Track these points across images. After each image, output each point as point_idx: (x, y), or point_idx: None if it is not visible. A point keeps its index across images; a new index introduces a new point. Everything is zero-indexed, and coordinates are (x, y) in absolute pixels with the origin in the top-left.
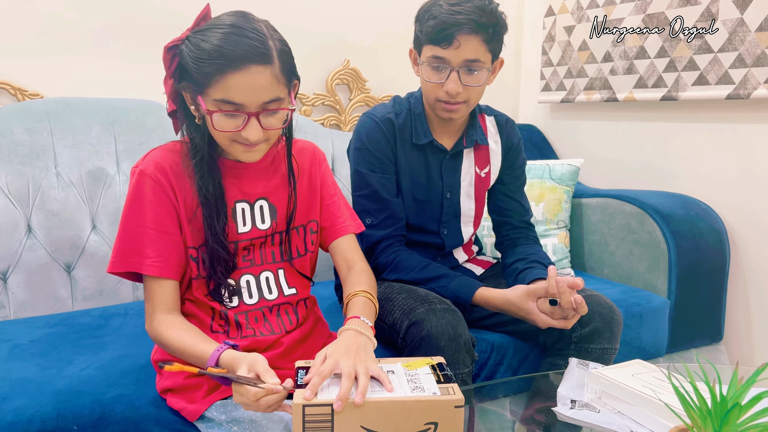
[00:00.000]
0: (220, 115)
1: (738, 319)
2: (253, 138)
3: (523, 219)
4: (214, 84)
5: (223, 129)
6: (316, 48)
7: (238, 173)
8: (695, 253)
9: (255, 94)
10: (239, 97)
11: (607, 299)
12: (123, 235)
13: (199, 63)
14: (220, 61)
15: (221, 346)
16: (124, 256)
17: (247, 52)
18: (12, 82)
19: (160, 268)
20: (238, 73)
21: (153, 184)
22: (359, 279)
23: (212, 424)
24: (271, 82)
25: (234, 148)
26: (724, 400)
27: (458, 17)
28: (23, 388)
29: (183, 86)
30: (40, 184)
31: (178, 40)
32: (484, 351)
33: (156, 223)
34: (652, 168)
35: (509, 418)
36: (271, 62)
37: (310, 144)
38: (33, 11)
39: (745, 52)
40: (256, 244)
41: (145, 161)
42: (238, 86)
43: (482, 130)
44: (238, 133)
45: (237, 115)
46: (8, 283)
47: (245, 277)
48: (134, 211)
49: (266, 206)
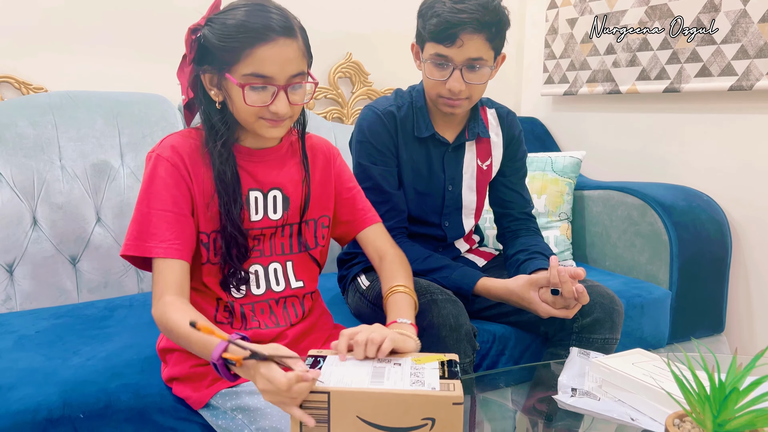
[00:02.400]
0: (249, 89)
1: (739, 310)
2: (282, 111)
3: (524, 210)
4: (243, 58)
5: (252, 103)
6: (318, 41)
7: (253, 161)
8: (697, 244)
9: (284, 66)
10: (269, 69)
11: (608, 290)
12: (137, 219)
13: (227, 39)
14: (251, 35)
15: (232, 335)
16: (137, 240)
17: (277, 24)
18: (16, 76)
19: (176, 249)
20: (268, 45)
21: (169, 166)
22: (393, 270)
23: (217, 412)
24: (297, 55)
25: (260, 124)
26: (722, 386)
27: (462, 16)
28: (30, 378)
29: (204, 69)
30: (45, 177)
31: (198, 24)
32: (486, 341)
33: (174, 206)
34: (654, 160)
35: (511, 408)
36: (296, 36)
37: (323, 140)
38: (37, 5)
39: (748, 43)
40: (266, 234)
41: (161, 146)
42: (268, 58)
43: (484, 122)
44: (266, 108)
45: (266, 88)
46: (14, 275)
47: (254, 267)
48: (149, 193)
49: (279, 196)
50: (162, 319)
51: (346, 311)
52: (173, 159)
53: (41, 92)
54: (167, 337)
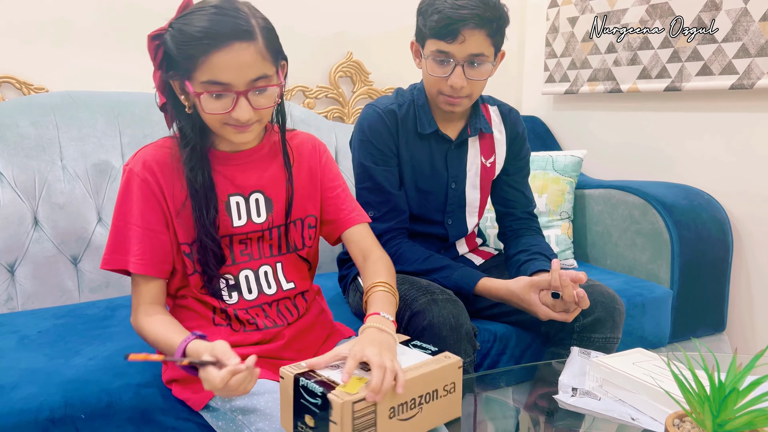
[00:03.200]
0: (208, 97)
1: (741, 309)
2: (243, 118)
3: (526, 210)
4: (199, 66)
5: (212, 111)
6: (319, 41)
7: (231, 165)
8: (698, 243)
9: (241, 71)
10: (225, 76)
11: (609, 289)
12: (112, 233)
13: (183, 47)
14: (205, 42)
15: (188, 336)
16: (113, 254)
17: (230, 29)
18: (17, 76)
19: (144, 265)
20: (222, 51)
21: (140, 182)
22: (376, 269)
23: (217, 413)
24: (256, 59)
25: (226, 130)
26: (722, 386)
27: (463, 12)
28: (32, 378)
29: (170, 75)
30: (46, 177)
31: (161, 29)
32: (486, 341)
33: (142, 221)
34: (655, 159)
35: (512, 407)
36: (255, 38)
37: (309, 136)
38: (37, 5)
39: (749, 42)
40: (253, 238)
41: (135, 159)
42: (223, 64)
43: (486, 119)
44: (229, 114)
45: (225, 95)
46: (16, 275)
47: (244, 272)
48: (123, 209)
49: (262, 199)
50: (139, 331)
51: (347, 311)
52: (144, 174)
53: (42, 92)
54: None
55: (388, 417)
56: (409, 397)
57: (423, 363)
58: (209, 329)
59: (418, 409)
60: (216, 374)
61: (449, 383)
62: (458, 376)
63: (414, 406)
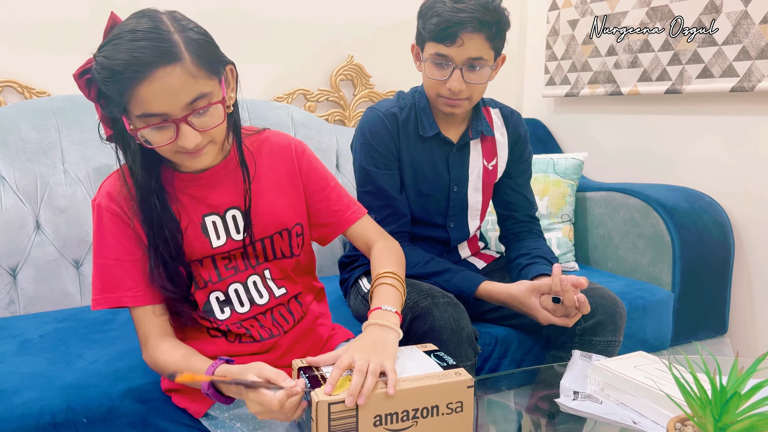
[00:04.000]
0: (149, 131)
1: (742, 312)
2: (190, 145)
3: (528, 213)
4: (129, 101)
5: (158, 144)
6: (319, 44)
7: (199, 185)
8: (699, 245)
9: (171, 98)
10: (157, 107)
11: (610, 292)
12: (97, 271)
13: (108, 83)
14: (126, 75)
15: (215, 362)
16: (104, 293)
17: (149, 55)
18: (19, 80)
19: (142, 296)
20: (146, 81)
21: (110, 214)
22: (381, 258)
23: (216, 421)
24: (186, 80)
25: (180, 158)
26: (723, 390)
27: (462, 15)
28: (33, 382)
29: (112, 110)
30: (48, 180)
31: (87, 63)
32: (488, 344)
33: (126, 254)
34: (656, 161)
35: (513, 410)
36: (179, 58)
37: (284, 138)
38: (39, 9)
39: (749, 44)
40: (236, 254)
41: (100, 193)
42: (150, 95)
43: (487, 121)
44: (176, 143)
45: (165, 126)
46: (17, 279)
47: (233, 286)
48: (102, 246)
49: (239, 215)
50: (153, 365)
51: (348, 314)
52: (111, 207)
53: (44, 96)
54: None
55: (373, 424)
56: (401, 408)
57: (427, 375)
58: (205, 341)
59: (411, 422)
60: (272, 396)
61: (455, 401)
62: (467, 396)
63: (407, 419)
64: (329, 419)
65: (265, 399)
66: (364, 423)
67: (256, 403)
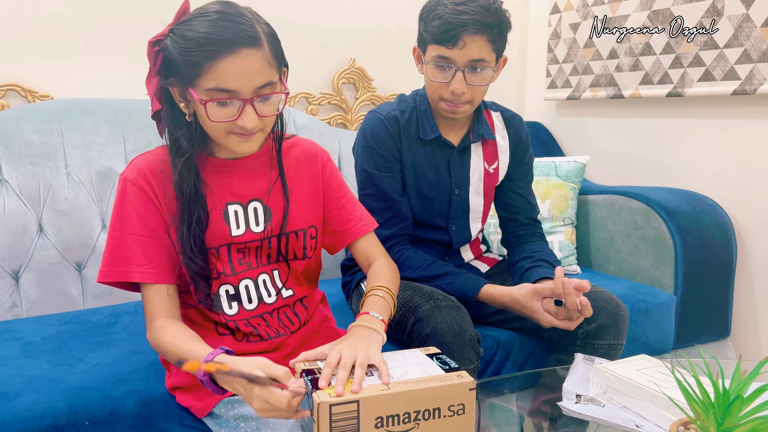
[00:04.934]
0: (212, 105)
1: (745, 315)
2: (249, 125)
3: (530, 216)
4: (204, 73)
5: (218, 119)
6: (321, 47)
7: (229, 173)
8: (701, 248)
9: (248, 78)
10: (232, 83)
11: (612, 295)
12: (111, 244)
13: (186, 53)
14: (210, 48)
15: (214, 351)
16: (113, 266)
17: (236, 35)
18: (22, 84)
19: (154, 273)
20: (229, 57)
21: (136, 189)
22: (378, 273)
23: (220, 421)
24: (263, 65)
25: (230, 139)
26: (726, 393)
27: (464, 17)
28: (36, 385)
29: (170, 82)
30: (51, 184)
31: (161, 35)
32: (490, 347)
33: (144, 228)
34: (658, 164)
35: (516, 414)
36: (261, 45)
37: (313, 145)
38: (41, 13)
39: (751, 47)
40: (251, 248)
41: (129, 167)
42: (229, 71)
43: (488, 125)
44: (234, 122)
45: (231, 103)
46: (20, 282)
47: (244, 282)
48: (121, 218)
49: (260, 208)
50: (156, 344)
51: (350, 317)
52: (139, 181)
53: (47, 100)
54: (165, 359)
55: (374, 426)
56: (402, 410)
57: (429, 377)
58: (213, 338)
59: (413, 424)
60: (280, 395)
61: (456, 404)
62: (469, 398)
63: (408, 421)
64: (330, 420)
65: (274, 396)
66: (366, 424)
67: (263, 400)
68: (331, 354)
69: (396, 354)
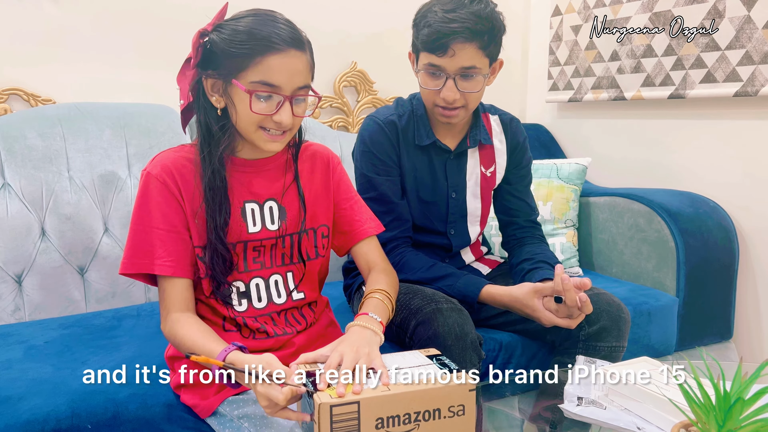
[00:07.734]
0: (254, 97)
1: (748, 317)
2: (285, 122)
3: (529, 218)
4: (252, 65)
5: (258, 111)
6: (323, 50)
7: (248, 172)
8: (704, 250)
9: (291, 77)
10: (278, 79)
11: (614, 297)
12: (133, 237)
13: (237, 45)
14: (263, 42)
15: (229, 346)
16: (135, 258)
17: (289, 35)
18: (25, 88)
19: (172, 267)
20: (280, 54)
21: (159, 184)
22: (378, 278)
23: (224, 420)
24: (305, 68)
25: (258, 135)
26: (727, 396)
27: (452, 26)
28: (38, 388)
29: (208, 74)
30: (53, 188)
31: (206, 28)
32: (492, 350)
33: (165, 223)
34: (659, 166)
35: (517, 417)
36: (305, 49)
37: (324, 148)
38: (44, 18)
39: (753, 49)
40: (266, 246)
41: (153, 163)
42: (277, 67)
43: (486, 129)
44: (268, 118)
45: (271, 98)
46: (23, 286)
47: (255, 280)
48: (143, 212)
49: (276, 207)
50: (171, 337)
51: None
52: (162, 176)
53: (49, 104)
54: (179, 350)
55: (375, 427)
56: (403, 411)
57: (429, 379)
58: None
59: (413, 425)
60: (278, 392)
61: (456, 405)
62: (469, 399)
63: (408, 421)
64: (331, 421)
65: (273, 394)
66: (366, 425)
67: (264, 398)
68: (332, 356)
69: (396, 355)
